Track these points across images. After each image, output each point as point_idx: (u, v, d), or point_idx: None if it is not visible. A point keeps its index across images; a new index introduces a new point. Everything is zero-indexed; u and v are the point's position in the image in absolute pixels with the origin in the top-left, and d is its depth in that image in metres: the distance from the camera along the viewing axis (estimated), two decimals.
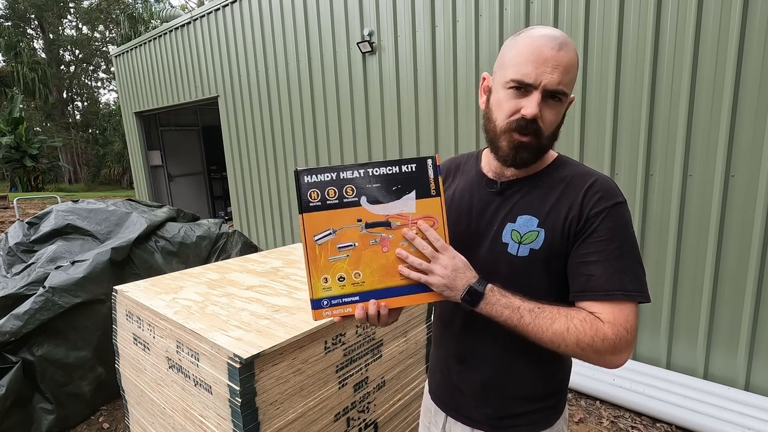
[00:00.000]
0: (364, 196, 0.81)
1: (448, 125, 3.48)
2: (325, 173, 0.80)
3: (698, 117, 2.39)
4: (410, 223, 0.81)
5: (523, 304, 0.79)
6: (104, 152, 22.97)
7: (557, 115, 0.82)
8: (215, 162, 9.03)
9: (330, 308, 0.82)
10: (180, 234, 3.14)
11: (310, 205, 0.80)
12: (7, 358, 2.33)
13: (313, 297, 0.82)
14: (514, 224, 0.87)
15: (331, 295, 0.82)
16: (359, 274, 0.82)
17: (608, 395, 2.55)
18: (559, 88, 0.78)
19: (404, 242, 0.82)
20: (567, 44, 0.79)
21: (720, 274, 2.42)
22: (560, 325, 0.77)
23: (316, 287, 0.82)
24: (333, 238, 0.80)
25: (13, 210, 10.21)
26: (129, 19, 21.01)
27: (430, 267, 0.80)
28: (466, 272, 0.81)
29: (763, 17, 2.15)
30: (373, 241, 0.81)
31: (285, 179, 5.11)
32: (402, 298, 0.83)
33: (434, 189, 0.82)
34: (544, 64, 0.77)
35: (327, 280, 0.82)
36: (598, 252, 0.80)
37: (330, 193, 0.80)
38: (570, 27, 2.74)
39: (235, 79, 5.40)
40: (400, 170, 0.81)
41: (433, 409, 1.09)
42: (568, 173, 0.88)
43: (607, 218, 0.81)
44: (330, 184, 0.80)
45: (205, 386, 1.35)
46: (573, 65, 0.80)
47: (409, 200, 0.81)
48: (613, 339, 0.75)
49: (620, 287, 0.78)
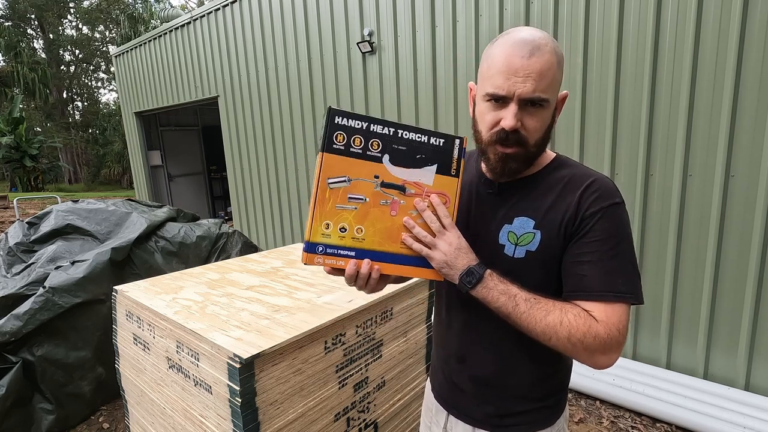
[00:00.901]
0: (387, 155, 0.80)
1: (448, 125, 3.48)
2: (357, 120, 0.78)
3: (698, 117, 2.39)
4: (424, 195, 0.81)
5: (520, 292, 0.79)
6: (104, 152, 22.96)
7: (541, 120, 0.81)
8: (215, 162, 9.02)
9: (323, 256, 0.80)
10: (180, 234, 3.14)
11: (333, 147, 0.78)
12: (7, 359, 2.33)
13: (309, 239, 0.79)
14: (510, 226, 0.87)
15: (329, 242, 0.80)
16: (361, 229, 0.80)
17: (608, 395, 2.55)
18: (535, 96, 0.76)
19: (413, 212, 0.82)
20: (539, 47, 0.76)
21: (720, 274, 2.42)
22: (554, 317, 0.77)
23: (316, 230, 0.79)
24: (346, 187, 0.79)
25: (13, 210, 10.21)
26: (129, 19, 21.02)
27: (434, 241, 0.81)
28: (468, 254, 0.81)
29: (763, 17, 2.15)
30: (384, 202, 0.80)
31: (285, 179, 5.11)
32: (397, 267, 0.82)
33: (455, 169, 0.83)
34: (515, 75, 0.76)
35: (329, 226, 0.80)
36: (592, 252, 0.80)
37: (356, 141, 0.79)
38: (570, 27, 2.75)
39: (235, 79, 5.40)
40: (428, 141, 0.81)
41: (435, 408, 1.09)
42: (566, 174, 0.88)
43: (603, 218, 0.80)
44: (358, 132, 0.79)
45: (205, 386, 1.35)
46: (548, 68, 0.77)
47: (429, 172, 0.81)
48: (604, 338, 0.76)
49: (612, 288, 0.78)
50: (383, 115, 3.92)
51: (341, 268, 0.81)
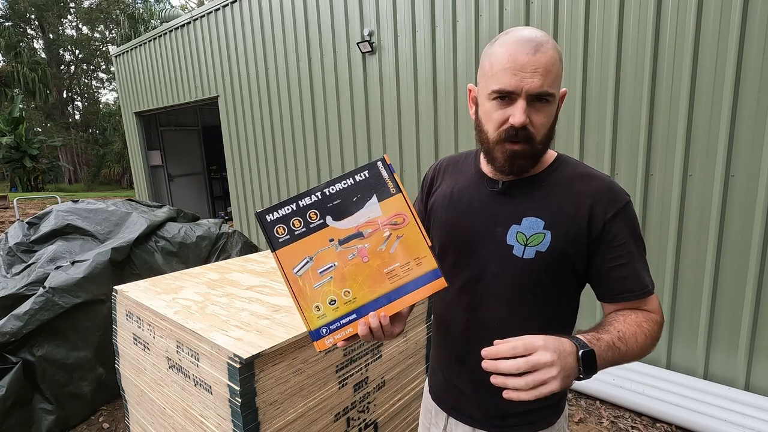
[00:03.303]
0: (328, 216, 0.81)
1: (448, 125, 3.48)
2: (285, 207, 0.80)
3: (698, 117, 2.39)
4: (381, 226, 0.81)
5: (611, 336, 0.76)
6: (104, 152, 22.95)
7: (547, 116, 0.81)
8: (215, 162, 9.02)
9: (330, 335, 0.81)
10: (180, 234, 3.14)
11: (280, 241, 0.80)
12: (7, 359, 2.33)
13: (310, 328, 0.81)
14: (519, 226, 0.86)
15: (328, 321, 0.81)
16: (348, 291, 0.81)
17: (608, 395, 2.55)
18: (543, 90, 0.77)
19: (382, 246, 0.80)
20: (543, 44, 0.77)
21: (720, 274, 2.42)
22: (642, 338, 0.80)
23: (311, 318, 0.80)
24: (312, 265, 0.80)
25: (13, 210, 10.21)
26: (129, 19, 21.01)
27: (539, 376, 0.65)
28: (567, 354, 0.68)
29: (763, 17, 2.15)
30: (352, 255, 0.80)
31: (285, 179, 5.11)
32: (399, 302, 0.81)
33: (393, 187, 0.82)
34: (523, 70, 0.76)
35: (319, 308, 0.80)
36: (624, 255, 0.84)
37: (295, 223, 0.80)
38: (570, 27, 2.75)
39: (235, 79, 5.40)
40: (355, 180, 0.81)
41: (434, 409, 1.08)
42: (571, 173, 0.88)
43: (622, 220, 0.84)
44: (293, 216, 0.80)
45: (205, 386, 1.35)
46: (553, 63, 0.77)
47: (373, 205, 0.81)
48: (661, 322, 0.85)
49: (647, 283, 0.85)
50: (383, 114, 3.93)
51: (354, 334, 0.81)
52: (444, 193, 1.00)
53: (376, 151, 4.09)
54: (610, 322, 0.81)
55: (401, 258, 0.81)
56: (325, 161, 4.59)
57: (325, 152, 4.57)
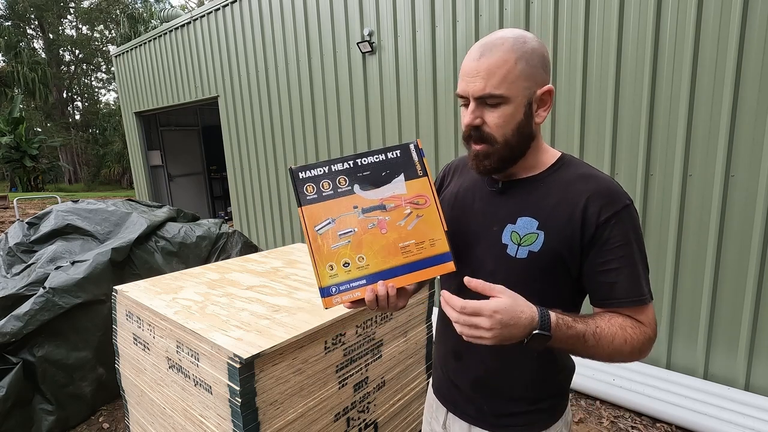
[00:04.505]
0: (356, 184, 0.85)
1: (448, 125, 3.48)
2: (318, 168, 0.85)
3: (698, 117, 2.39)
4: (404, 203, 0.85)
5: (587, 328, 0.77)
6: (104, 152, 22.95)
7: (504, 117, 0.82)
8: (215, 162, 9.02)
9: (339, 294, 0.84)
10: (180, 234, 3.14)
11: (307, 199, 0.84)
12: (7, 359, 2.33)
13: (321, 285, 0.84)
14: (514, 225, 0.87)
15: (339, 281, 0.84)
16: (363, 257, 0.84)
17: (608, 395, 2.55)
18: (485, 93, 0.80)
19: (401, 221, 0.84)
20: (493, 48, 0.80)
21: (720, 274, 2.42)
22: (619, 340, 0.79)
23: (323, 275, 0.84)
24: (333, 227, 0.84)
25: (13, 210, 10.20)
26: (129, 19, 21.01)
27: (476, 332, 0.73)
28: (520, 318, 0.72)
29: (763, 17, 2.15)
30: (372, 225, 0.84)
31: (285, 179, 5.11)
32: (408, 276, 0.85)
33: (420, 170, 0.87)
34: (468, 75, 0.83)
35: (333, 267, 0.84)
36: (616, 259, 0.81)
37: (324, 185, 0.85)
38: (570, 27, 2.74)
39: (235, 79, 5.40)
40: (386, 157, 0.87)
41: (435, 404, 1.10)
42: (570, 174, 0.88)
43: (618, 223, 0.81)
44: (323, 178, 0.85)
45: (205, 386, 1.35)
46: (499, 65, 0.79)
47: (399, 182, 0.86)
48: (652, 337, 0.82)
49: (642, 292, 0.82)
50: (383, 114, 3.93)
51: (361, 299, 0.84)
52: (451, 192, 1.02)
53: None
54: (598, 315, 0.82)
55: (417, 236, 0.85)
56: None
57: (325, 152, 4.57)
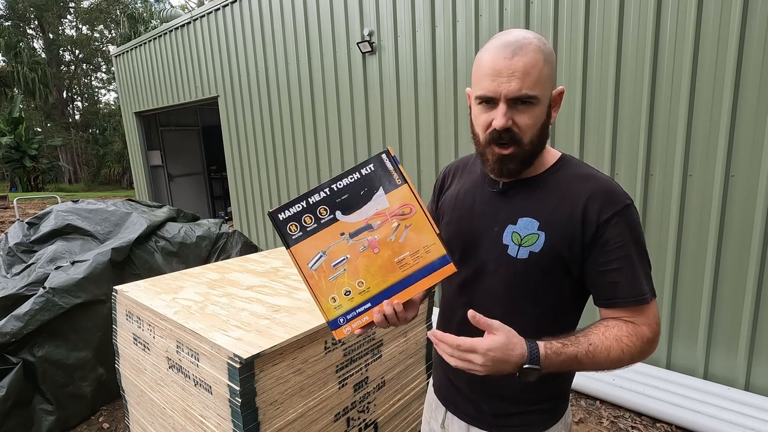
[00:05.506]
0: (338, 211, 0.84)
1: (448, 125, 3.48)
2: (296, 204, 0.84)
3: (698, 117, 2.39)
4: (389, 217, 0.84)
5: (579, 349, 0.78)
6: (104, 152, 22.94)
7: (533, 118, 0.81)
8: (215, 162, 9.02)
9: (348, 324, 0.85)
10: (180, 234, 3.14)
11: (293, 239, 0.84)
12: (7, 360, 2.33)
13: (328, 319, 0.85)
14: (515, 226, 0.87)
15: (344, 311, 0.85)
16: (362, 282, 0.85)
17: (608, 395, 2.55)
18: (522, 94, 0.78)
19: (391, 236, 0.84)
20: (522, 47, 0.78)
21: (720, 274, 2.42)
22: (616, 352, 0.79)
23: (328, 309, 0.85)
24: (325, 259, 0.84)
25: (13, 210, 10.20)
26: (129, 19, 21.00)
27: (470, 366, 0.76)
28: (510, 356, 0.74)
29: (763, 17, 2.15)
30: (363, 247, 0.84)
31: (285, 179, 5.11)
32: (411, 288, 0.85)
33: (399, 179, 0.84)
34: (500, 75, 0.78)
35: (335, 299, 0.85)
36: (618, 259, 0.81)
37: (306, 220, 0.84)
38: (570, 27, 2.74)
39: (235, 79, 5.40)
40: (361, 175, 0.84)
41: (434, 403, 1.10)
42: (570, 174, 0.88)
43: (618, 223, 0.81)
44: (304, 213, 0.84)
45: (205, 386, 1.35)
46: (533, 65, 0.78)
47: (380, 198, 0.84)
48: (652, 337, 0.82)
49: (643, 291, 0.82)
50: (383, 114, 3.93)
51: (370, 322, 0.86)
52: (452, 194, 1.02)
53: (376, 151, 4.07)
54: (590, 331, 0.82)
55: (410, 247, 0.84)
56: (325, 161, 4.59)
57: (325, 152, 4.57)
